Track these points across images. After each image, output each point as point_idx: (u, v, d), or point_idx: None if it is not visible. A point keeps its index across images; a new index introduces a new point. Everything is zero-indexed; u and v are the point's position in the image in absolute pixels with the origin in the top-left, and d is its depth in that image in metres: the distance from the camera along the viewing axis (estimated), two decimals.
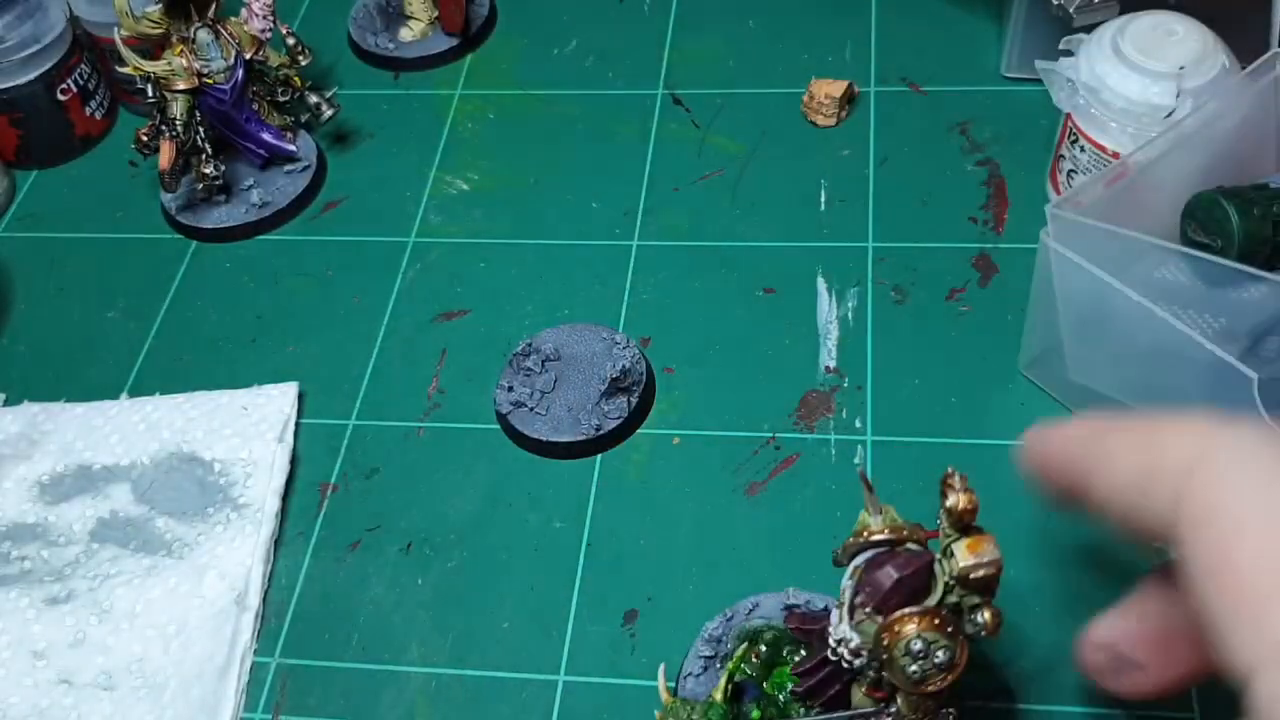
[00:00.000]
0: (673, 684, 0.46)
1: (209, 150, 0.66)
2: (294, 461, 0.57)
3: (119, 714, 0.49)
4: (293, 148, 0.69)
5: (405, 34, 0.77)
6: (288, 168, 0.69)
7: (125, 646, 0.51)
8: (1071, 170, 0.60)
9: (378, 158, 0.71)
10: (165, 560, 0.53)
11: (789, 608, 0.46)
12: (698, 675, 0.45)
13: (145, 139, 0.66)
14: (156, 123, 0.65)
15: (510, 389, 0.58)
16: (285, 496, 0.56)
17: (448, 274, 0.65)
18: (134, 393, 0.61)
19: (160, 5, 0.63)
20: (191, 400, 0.59)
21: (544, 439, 0.56)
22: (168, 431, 0.58)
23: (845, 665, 0.37)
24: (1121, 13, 0.59)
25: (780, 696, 0.43)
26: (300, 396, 0.60)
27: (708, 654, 0.46)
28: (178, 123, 0.65)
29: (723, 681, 0.43)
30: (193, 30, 0.64)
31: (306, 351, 0.62)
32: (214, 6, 0.65)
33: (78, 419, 0.59)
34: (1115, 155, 0.56)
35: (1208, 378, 0.44)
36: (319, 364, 0.61)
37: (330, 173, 0.71)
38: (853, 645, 0.36)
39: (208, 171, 0.66)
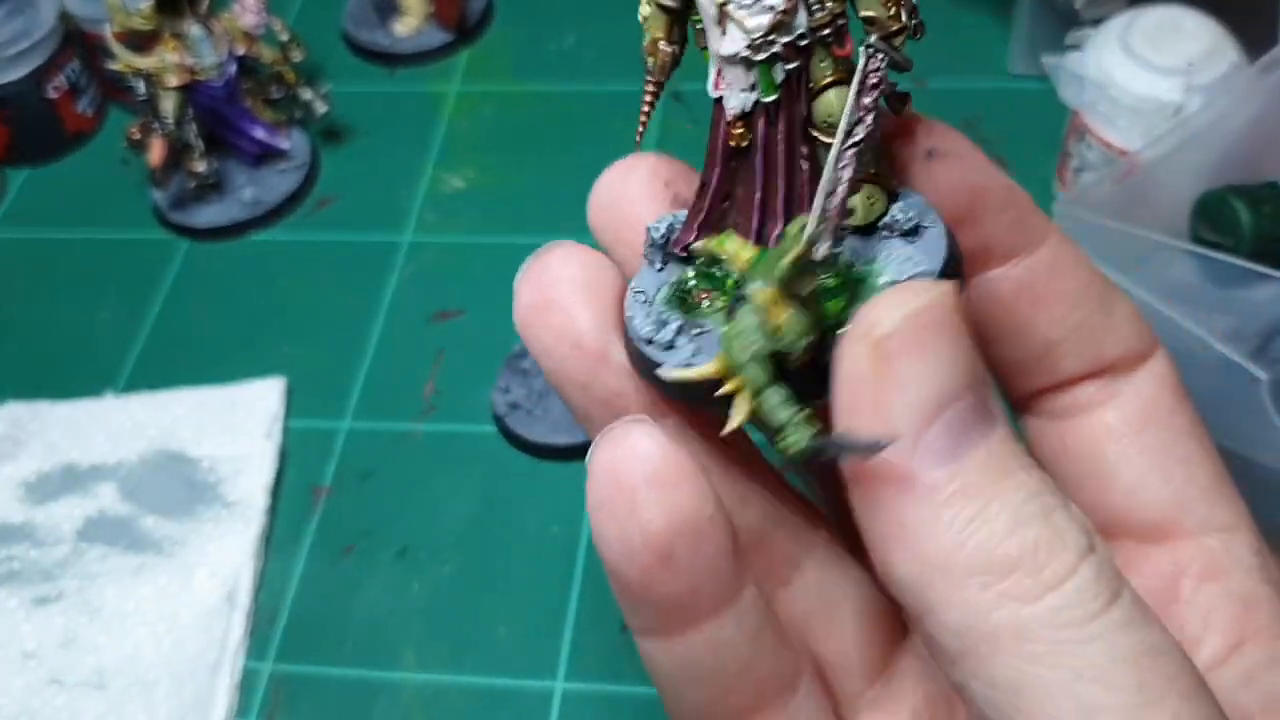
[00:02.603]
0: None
1: (201, 147, 0.66)
2: (286, 463, 0.57)
3: (112, 713, 0.49)
4: (285, 144, 0.68)
5: (399, 28, 0.76)
6: (281, 165, 0.68)
7: (116, 645, 0.51)
8: (1079, 168, 0.59)
9: (372, 155, 0.70)
10: (154, 558, 0.53)
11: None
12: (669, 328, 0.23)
13: (137, 136, 0.65)
14: (148, 120, 0.64)
15: (507, 390, 0.57)
16: (275, 496, 0.55)
17: (444, 273, 0.64)
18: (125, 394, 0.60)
19: (152, 1, 0.62)
20: (177, 398, 0.59)
21: (541, 441, 0.55)
22: (154, 429, 0.57)
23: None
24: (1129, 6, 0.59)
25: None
26: (293, 397, 0.59)
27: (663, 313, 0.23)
28: (169, 119, 0.64)
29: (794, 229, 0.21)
30: (185, 26, 0.63)
31: (300, 352, 0.61)
32: (206, 1, 0.64)
33: (63, 418, 0.59)
34: (1123, 152, 0.56)
35: (1217, 378, 0.43)
36: (313, 365, 0.60)
37: (324, 170, 0.70)
38: None
39: (200, 169, 0.66)
